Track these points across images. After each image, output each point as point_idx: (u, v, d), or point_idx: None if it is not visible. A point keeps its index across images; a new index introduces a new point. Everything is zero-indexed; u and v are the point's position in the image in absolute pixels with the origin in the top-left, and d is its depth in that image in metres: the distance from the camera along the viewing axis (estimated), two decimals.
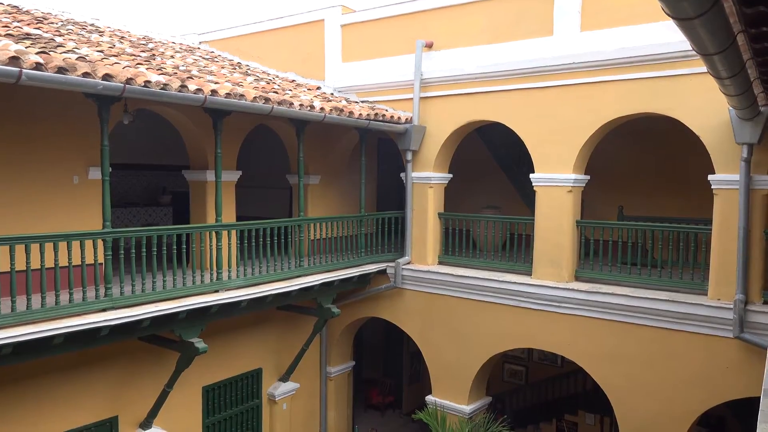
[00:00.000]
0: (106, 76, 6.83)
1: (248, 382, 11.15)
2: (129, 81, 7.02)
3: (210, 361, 9.99)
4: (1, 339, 6.32)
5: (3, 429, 7.63)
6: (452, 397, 11.10)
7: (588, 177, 9.99)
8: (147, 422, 9.12)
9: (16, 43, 6.72)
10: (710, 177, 8.47)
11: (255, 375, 11.25)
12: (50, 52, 6.74)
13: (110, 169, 7.51)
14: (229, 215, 10.10)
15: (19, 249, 6.77)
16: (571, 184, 9.71)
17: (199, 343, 8.47)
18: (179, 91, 7.62)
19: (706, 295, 8.57)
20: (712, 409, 8.82)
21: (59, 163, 8.20)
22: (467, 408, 10.92)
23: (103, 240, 7.51)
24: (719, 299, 8.34)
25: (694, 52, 4.48)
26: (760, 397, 4.30)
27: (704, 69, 5.15)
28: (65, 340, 7.05)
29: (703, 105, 8.35)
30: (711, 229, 8.55)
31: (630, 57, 8.93)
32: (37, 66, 6.23)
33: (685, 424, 8.72)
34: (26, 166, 7.89)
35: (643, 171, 12.00)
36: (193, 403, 10.08)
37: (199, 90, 7.90)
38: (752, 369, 7.90)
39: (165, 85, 7.45)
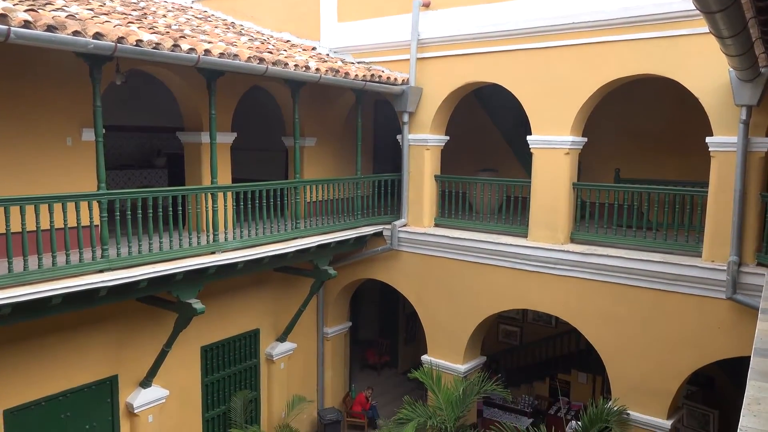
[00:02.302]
0: (97, 35, 6.70)
1: (246, 342, 11.28)
2: (120, 40, 6.89)
3: (208, 321, 10.09)
4: (1, 299, 6.35)
5: (6, 389, 7.74)
6: (447, 356, 11.26)
7: (585, 139, 9.94)
8: (147, 381, 9.26)
9: (4, 0, 6.57)
10: (708, 139, 8.44)
11: (253, 335, 11.38)
12: (39, 10, 6.59)
13: (104, 131, 7.44)
14: (224, 177, 10.05)
15: (14, 210, 6.75)
16: (569, 147, 9.67)
17: (197, 304, 8.54)
18: (172, 51, 7.49)
19: (701, 257, 8.64)
20: (703, 368, 8.99)
21: (52, 124, 8.10)
22: (462, 367, 11.10)
23: (98, 202, 7.49)
24: (713, 261, 8.41)
25: (695, 12, 4.43)
26: (750, 357, 4.37)
27: (705, 29, 5.08)
28: (63, 301, 7.09)
29: (703, 66, 8.27)
30: (707, 192, 8.56)
31: (631, 17, 8.79)
32: (26, 24, 6.10)
33: (675, 383, 8.90)
34: (19, 127, 7.79)
35: (641, 134, 11.94)
36: (191, 363, 10.22)
37: (192, 50, 7.77)
38: (743, 329, 8.02)
39: (157, 44, 7.32)
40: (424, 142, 11.34)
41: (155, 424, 9.40)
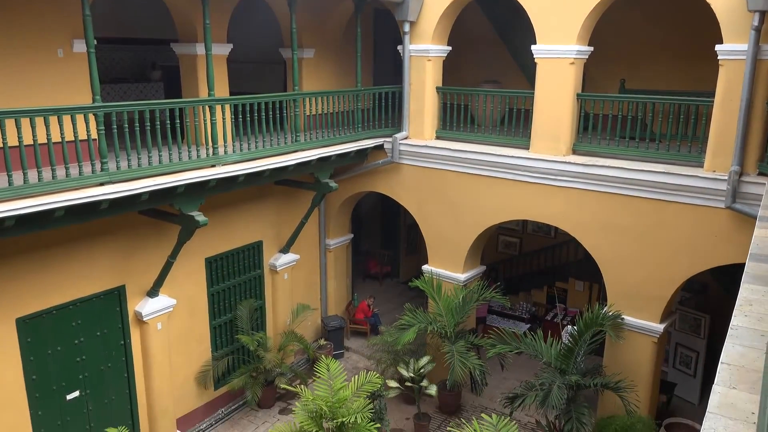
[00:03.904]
0: None
1: (249, 253, 11.49)
2: None
3: (211, 234, 10.24)
4: (3, 212, 6.42)
5: (17, 298, 7.97)
6: (448, 266, 11.50)
7: (591, 48, 9.68)
8: (154, 291, 9.51)
9: None
10: (717, 47, 8.21)
11: (256, 247, 11.57)
12: None
13: (95, 42, 7.23)
14: (222, 90, 9.87)
15: (10, 123, 6.68)
16: (574, 56, 9.43)
17: (199, 216, 8.62)
18: None
19: (702, 167, 8.62)
20: (697, 276, 9.19)
21: (41, 35, 7.84)
22: (462, 276, 11.35)
23: (94, 115, 7.40)
24: (715, 171, 8.41)
25: None
26: (744, 264, 4.46)
27: None
28: (66, 214, 7.16)
29: None
30: (713, 102, 8.43)
31: None
32: None
33: (670, 289, 9.13)
34: (7, 39, 7.55)
35: (648, 43, 11.60)
36: (197, 273, 10.45)
37: None
38: (741, 237, 8.13)
39: None
40: (425, 53, 11.05)
41: (164, 331, 9.74)
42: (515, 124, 10.51)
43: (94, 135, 7.46)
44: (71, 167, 7.28)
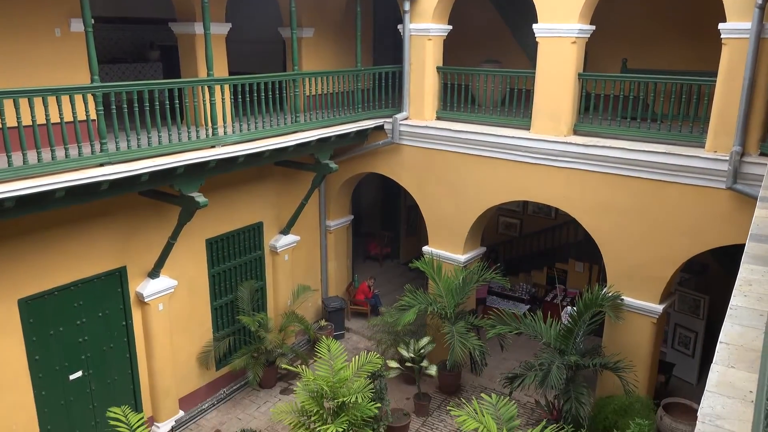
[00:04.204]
0: None
1: (250, 234, 11.50)
2: None
3: (212, 215, 10.25)
4: (3, 193, 6.41)
5: (18, 279, 7.99)
6: (448, 247, 11.51)
7: (593, 27, 9.59)
8: (155, 272, 9.53)
9: None
10: (721, 25, 8.13)
11: (256, 228, 11.58)
12: None
13: (92, 22, 7.16)
14: (221, 70, 9.81)
15: (8, 104, 6.64)
16: (576, 35, 9.34)
17: (200, 197, 8.62)
18: None
19: (704, 147, 8.59)
20: (697, 256, 9.20)
21: (38, 13, 7.77)
22: (462, 257, 11.37)
23: (93, 95, 7.35)
24: (716, 151, 8.38)
25: None
26: (744, 244, 4.46)
27: None
28: (66, 195, 7.15)
29: None
30: (715, 81, 8.37)
31: None
32: None
33: (670, 270, 9.15)
34: (3, 17, 7.48)
35: (651, 22, 11.48)
36: (198, 255, 10.47)
37: None
38: (741, 218, 8.13)
39: None
40: (426, 32, 10.95)
41: (165, 312, 9.78)
42: (516, 104, 10.45)
43: (93, 115, 7.42)
44: (71, 148, 7.26)
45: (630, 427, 7.12)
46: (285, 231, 11.97)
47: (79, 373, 9.01)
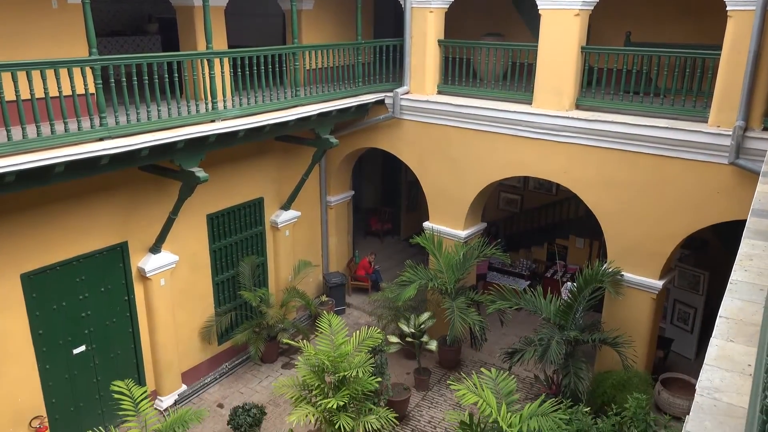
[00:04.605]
0: None
1: (251, 210, 11.49)
2: None
3: (212, 190, 10.23)
4: (3, 167, 6.39)
5: (20, 254, 8.01)
6: (448, 223, 11.51)
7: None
8: (156, 247, 9.55)
9: None
10: None
11: (257, 204, 11.57)
12: None
13: None
14: (220, 43, 9.70)
15: (6, 77, 6.59)
16: (579, 7, 9.21)
17: (200, 172, 8.59)
18: None
19: (706, 122, 8.52)
20: (697, 232, 9.19)
21: None
22: (462, 233, 11.38)
23: (91, 68, 7.28)
24: (719, 126, 8.32)
25: None
26: (746, 220, 4.45)
27: None
28: (66, 169, 7.13)
29: None
30: (719, 55, 8.27)
31: None
32: None
33: (670, 246, 9.15)
34: None
35: None
36: (199, 230, 10.48)
37: None
38: (743, 193, 8.10)
39: None
40: (427, 4, 10.80)
41: (167, 287, 9.83)
42: (518, 78, 10.35)
43: (92, 89, 7.36)
44: (70, 122, 7.21)
45: (628, 401, 7.19)
46: (286, 206, 11.96)
47: (83, 348, 9.08)
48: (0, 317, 7.95)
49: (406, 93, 11.36)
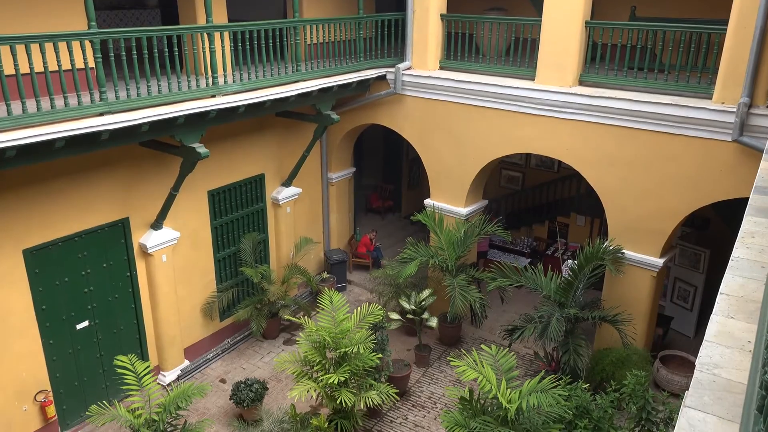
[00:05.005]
0: None
1: (252, 186, 11.47)
2: None
3: (213, 166, 10.21)
4: (4, 142, 6.37)
5: (22, 230, 8.01)
6: (449, 200, 11.49)
7: None
8: (157, 223, 9.55)
9: None
10: None
11: (258, 180, 11.54)
12: None
13: None
14: (220, 17, 9.60)
15: (5, 51, 6.53)
16: None
17: (201, 148, 8.56)
18: None
19: (711, 99, 8.45)
20: (699, 210, 9.18)
21: None
22: (464, 210, 11.36)
23: (90, 42, 7.20)
24: (723, 103, 8.25)
25: None
26: (748, 198, 4.43)
27: None
28: (67, 145, 7.10)
29: None
30: (725, 30, 8.17)
31: None
32: None
33: (672, 224, 9.14)
34: None
35: None
36: (200, 206, 10.47)
37: None
38: (746, 171, 8.07)
39: None
40: None
41: (169, 263, 9.85)
42: (521, 54, 10.25)
43: (91, 63, 7.30)
44: (70, 97, 7.16)
45: (627, 378, 7.24)
46: (287, 183, 11.93)
47: (86, 323, 9.14)
48: (3, 292, 7.98)
49: (408, 68, 11.26)
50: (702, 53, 8.63)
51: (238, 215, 11.31)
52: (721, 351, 2.74)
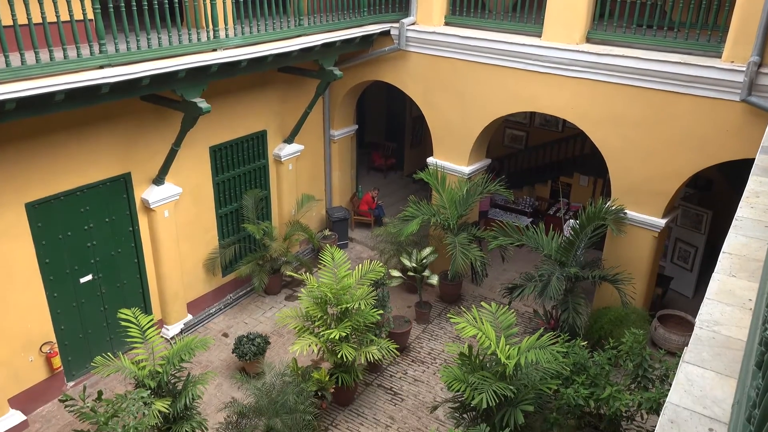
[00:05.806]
0: None
1: (254, 143, 11.40)
2: None
3: (215, 122, 10.13)
4: (3, 94, 6.30)
5: (24, 183, 8.00)
6: (453, 158, 11.43)
7: None
8: (159, 179, 9.53)
9: None
10: None
11: (260, 136, 11.47)
12: None
13: None
14: None
15: (2, 1, 6.39)
16: None
17: (202, 103, 8.48)
18: None
19: (720, 57, 8.31)
20: (703, 171, 9.13)
21: None
22: (467, 169, 11.32)
23: None
24: (733, 62, 8.11)
25: None
26: (754, 159, 4.40)
27: None
28: (67, 97, 7.03)
29: None
30: None
31: None
32: None
33: (675, 184, 9.10)
34: None
35: None
36: (202, 162, 10.43)
37: None
38: (753, 132, 7.99)
39: None
40: None
41: (171, 218, 9.88)
42: (528, 10, 10.04)
43: (90, 15, 7.16)
44: (69, 49, 7.05)
45: (624, 336, 7.32)
46: (289, 140, 11.86)
47: (89, 277, 9.22)
48: (7, 246, 8.03)
49: (413, 24, 11.05)
50: (713, 10, 8.44)
51: (240, 171, 11.28)
52: (722, 309, 2.75)
